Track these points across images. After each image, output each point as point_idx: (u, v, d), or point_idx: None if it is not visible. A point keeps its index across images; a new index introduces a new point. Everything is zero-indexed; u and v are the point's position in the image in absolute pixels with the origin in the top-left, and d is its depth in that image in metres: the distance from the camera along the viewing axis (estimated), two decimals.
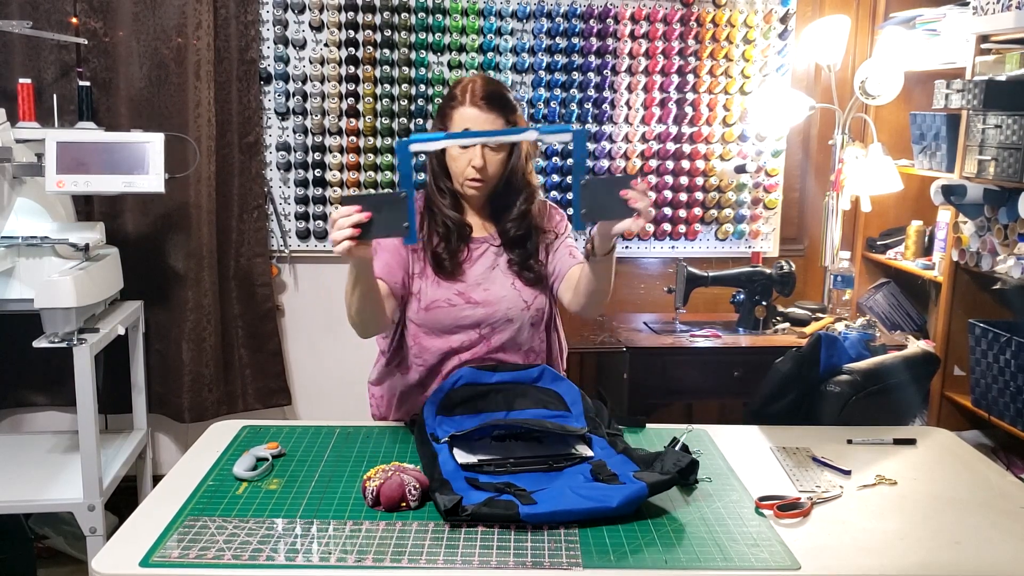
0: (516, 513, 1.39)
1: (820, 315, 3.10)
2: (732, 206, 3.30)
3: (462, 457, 1.59)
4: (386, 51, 3.05)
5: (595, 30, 3.11)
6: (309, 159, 3.11)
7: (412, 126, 3.10)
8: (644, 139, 3.22)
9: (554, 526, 1.41)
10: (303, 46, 3.04)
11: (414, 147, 1.54)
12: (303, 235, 3.16)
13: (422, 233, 1.92)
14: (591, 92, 3.15)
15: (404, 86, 3.07)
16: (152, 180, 2.48)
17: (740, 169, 3.27)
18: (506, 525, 1.40)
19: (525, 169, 1.93)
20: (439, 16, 3.04)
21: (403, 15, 3.04)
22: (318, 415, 3.22)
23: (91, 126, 2.73)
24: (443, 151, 1.89)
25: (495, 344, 1.89)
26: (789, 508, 1.49)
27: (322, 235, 3.15)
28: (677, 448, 1.61)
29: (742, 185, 3.29)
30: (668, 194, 3.26)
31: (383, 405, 2.02)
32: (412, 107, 3.09)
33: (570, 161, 3.16)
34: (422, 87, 3.09)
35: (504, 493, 1.46)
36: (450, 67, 3.10)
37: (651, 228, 3.26)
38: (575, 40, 3.11)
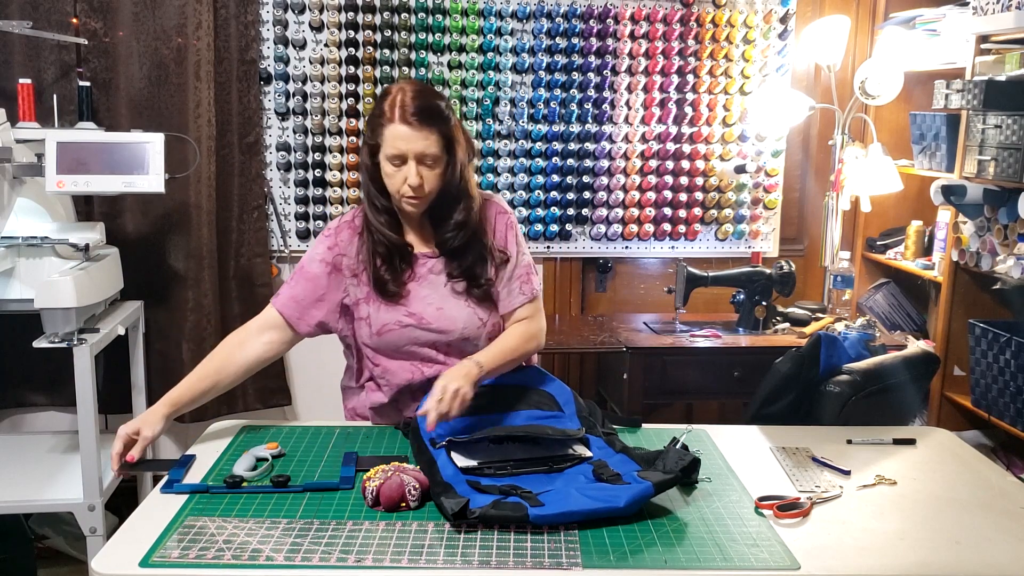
0: (525, 515, 1.39)
1: (820, 315, 3.10)
2: (732, 206, 3.30)
3: (461, 461, 1.58)
4: (386, 51, 3.05)
5: (595, 30, 3.11)
6: (309, 159, 3.11)
7: None
8: (644, 139, 3.22)
9: (555, 526, 1.41)
10: (303, 46, 3.04)
11: None
12: (303, 235, 3.15)
13: (362, 256, 1.85)
14: (591, 92, 3.15)
15: None
16: (152, 180, 2.48)
17: (740, 169, 3.27)
18: (506, 526, 1.40)
19: (464, 177, 1.82)
20: (439, 16, 3.04)
21: (403, 15, 3.04)
22: (318, 415, 3.21)
23: (91, 126, 2.73)
24: (377, 167, 1.78)
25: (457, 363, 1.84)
26: (789, 508, 1.49)
27: None
28: (677, 448, 1.61)
29: (742, 185, 3.29)
30: (668, 194, 3.26)
31: (355, 418, 1.99)
32: None
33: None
34: None
35: (510, 495, 1.46)
36: (450, 67, 3.10)
37: (651, 228, 3.26)
38: (575, 40, 3.11)
